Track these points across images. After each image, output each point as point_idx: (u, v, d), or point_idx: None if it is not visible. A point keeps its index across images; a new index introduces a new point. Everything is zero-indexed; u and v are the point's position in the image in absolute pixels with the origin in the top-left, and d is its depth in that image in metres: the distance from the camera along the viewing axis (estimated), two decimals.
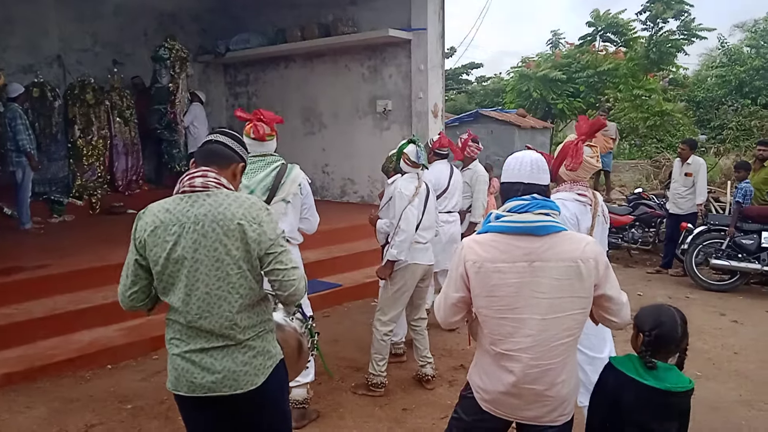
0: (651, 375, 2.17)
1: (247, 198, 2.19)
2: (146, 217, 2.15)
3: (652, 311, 2.30)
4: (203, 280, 2.10)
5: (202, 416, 2.26)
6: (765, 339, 5.51)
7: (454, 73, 26.67)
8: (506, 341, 2.10)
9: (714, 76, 19.57)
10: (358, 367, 4.69)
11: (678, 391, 2.16)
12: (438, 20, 8.81)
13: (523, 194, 2.17)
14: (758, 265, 6.90)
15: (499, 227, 2.13)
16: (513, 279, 2.06)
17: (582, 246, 2.10)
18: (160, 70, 9.17)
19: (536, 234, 2.07)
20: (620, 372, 2.21)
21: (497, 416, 2.19)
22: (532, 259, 2.06)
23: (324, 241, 6.95)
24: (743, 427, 3.86)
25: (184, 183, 2.16)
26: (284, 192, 3.62)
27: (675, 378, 2.20)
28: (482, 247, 2.12)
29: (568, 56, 18.65)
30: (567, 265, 2.06)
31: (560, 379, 2.11)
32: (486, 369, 2.20)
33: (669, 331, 2.22)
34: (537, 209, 2.11)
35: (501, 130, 11.28)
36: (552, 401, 2.12)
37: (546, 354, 2.08)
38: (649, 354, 2.20)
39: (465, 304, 2.20)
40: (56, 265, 5.79)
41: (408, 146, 4.28)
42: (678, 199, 7.82)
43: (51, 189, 8.56)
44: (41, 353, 4.69)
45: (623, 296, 2.22)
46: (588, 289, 2.09)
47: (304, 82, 10.45)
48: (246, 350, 2.19)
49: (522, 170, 2.24)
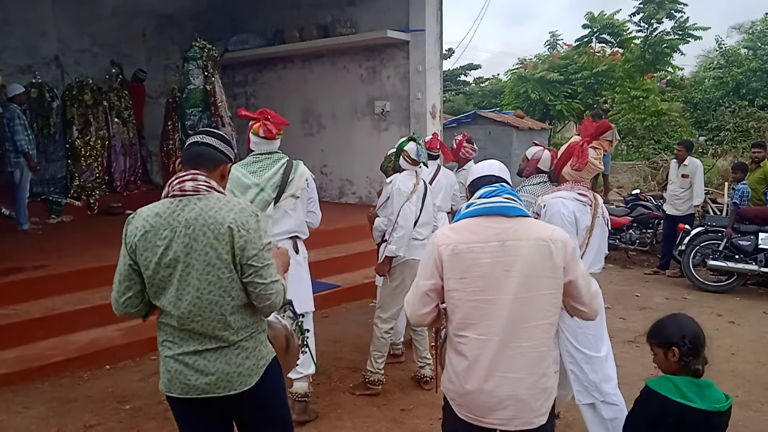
0: (695, 395, 2.13)
1: (238, 202, 2.18)
2: (136, 222, 2.13)
3: (671, 323, 2.28)
4: (194, 284, 2.09)
5: (196, 418, 2.26)
6: (762, 340, 5.52)
7: (452, 74, 26.74)
8: (479, 325, 2.10)
9: (711, 78, 19.64)
10: (356, 367, 4.70)
11: (723, 411, 2.13)
12: (436, 21, 8.83)
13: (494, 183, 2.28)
14: (755, 266, 6.91)
15: (470, 212, 2.20)
16: (486, 259, 2.09)
17: (550, 229, 2.18)
18: (193, 71, 8.28)
19: (507, 214, 2.14)
20: (664, 397, 2.15)
21: (470, 422, 2.15)
22: (504, 239, 2.10)
23: (322, 241, 6.95)
24: (741, 428, 3.86)
25: (173, 186, 2.14)
26: (293, 188, 3.70)
27: (716, 395, 2.16)
28: (455, 232, 2.18)
29: (566, 57, 18.70)
30: (538, 243, 2.10)
31: (536, 370, 2.09)
32: (455, 367, 2.18)
33: (698, 334, 2.23)
34: (505, 194, 2.20)
35: (499, 132, 11.30)
36: (526, 397, 2.08)
37: (518, 335, 2.07)
38: (692, 361, 2.19)
39: (436, 293, 2.20)
40: (54, 266, 5.79)
41: (408, 144, 4.31)
42: (675, 200, 7.84)
43: (49, 189, 8.56)
44: (39, 354, 4.69)
45: (593, 285, 2.25)
46: (558, 270, 2.11)
47: (302, 83, 10.45)
48: (239, 351, 2.19)
49: (492, 168, 2.36)
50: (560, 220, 3.07)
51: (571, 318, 3.16)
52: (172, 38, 10.69)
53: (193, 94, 8.25)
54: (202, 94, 8.24)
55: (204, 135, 2.27)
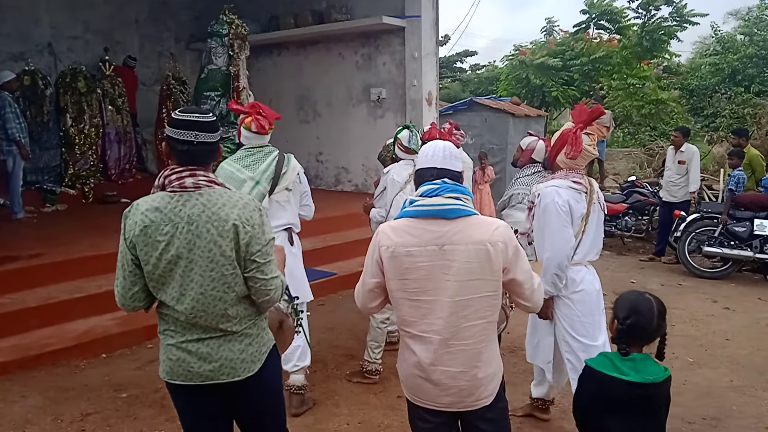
0: (630, 368, 2.16)
1: (241, 197, 2.15)
2: (134, 216, 2.08)
3: (631, 299, 2.26)
4: (198, 281, 2.07)
5: (198, 404, 2.25)
6: (757, 325, 5.56)
7: (448, 61, 26.62)
8: (419, 323, 2.15)
9: (707, 64, 19.55)
10: (353, 355, 4.71)
11: (657, 382, 2.17)
12: (432, 7, 8.77)
13: (436, 179, 2.19)
14: (750, 252, 6.95)
15: (411, 212, 2.16)
16: (424, 262, 2.09)
17: (492, 230, 2.12)
18: (216, 49, 7.09)
19: (446, 217, 2.10)
20: (601, 373, 2.20)
21: (421, 405, 2.23)
22: (442, 243, 2.09)
23: (318, 229, 6.94)
24: (734, 412, 3.90)
25: (171, 181, 2.08)
26: (286, 181, 3.72)
27: (653, 368, 2.19)
28: (395, 232, 2.15)
29: (562, 44, 18.61)
30: (476, 248, 2.08)
31: (474, 363, 2.14)
32: (404, 355, 2.26)
33: (644, 322, 2.19)
34: (447, 193, 2.14)
35: (495, 119, 11.24)
36: (467, 386, 2.15)
37: (457, 335, 2.11)
38: (624, 342, 2.20)
39: (381, 290, 2.23)
40: (50, 254, 5.76)
41: (402, 132, 4.30)
42: (671, 186, 7.85)
43: (43, 178, 8.51)
44: (36, 342, 4.68)
45: (535, 281, 2.24)
46: (497, 272, 2.11)
47: (297, 70, 10.38)
48: (242, 338, 2.19)
49: (435, 156, 2.24)
50: (554, 209, 3.06)
51: (568, 307, 3.20)
52: (165, 25, 10.60)
53: (213, 74, 7.06)
54: (224, 77, 7.06)
55: (197, 132, 2.10)
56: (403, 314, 2.19)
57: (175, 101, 9.50)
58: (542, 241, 3.14)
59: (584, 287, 3.19)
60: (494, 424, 2.25)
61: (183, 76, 9.96)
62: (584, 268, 3.23)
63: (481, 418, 2.21)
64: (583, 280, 3.20)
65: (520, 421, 3.70)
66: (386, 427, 3.72)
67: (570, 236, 3.10)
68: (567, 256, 3.10)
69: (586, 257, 3.22)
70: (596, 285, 3.26)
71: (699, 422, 3.76)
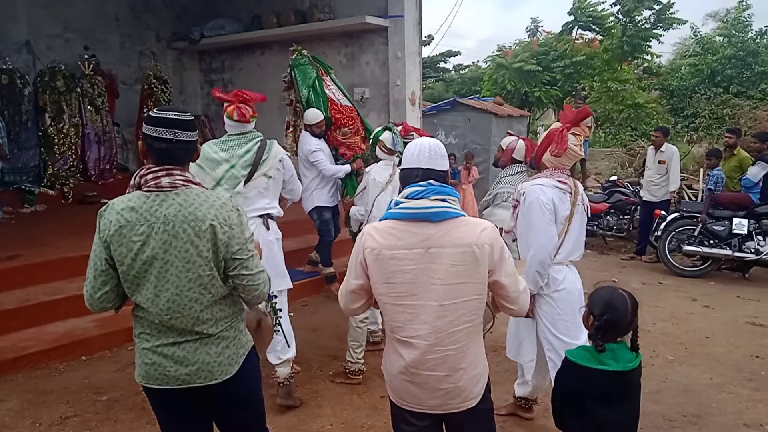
0: (610, 359, 2.21)
1: (218, 197, 2.13)
2: (109, 215, 2.04)
3: (605, 295, 2.30)
4: (173, 282, 2.05)
5: (176, 407, 2.23)
6: (735, 323, 5.63)
7: (431, 61, 26.64)
8: (405, 328, 2.12)
9: (687, 65, 19.82)
10: (336, 355, 4.69)
11: (635, 368, 2.24)
12: (415, 7, 8.76)
13: (421, 180, 2.15)
14: (729, 251, 7.04)
15: (396, 214, 2.12)
16: (410, 266, 2.07)
17: (478, 232, 2.09)
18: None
19: (432, 220, 2.08)
20: (582, 366, 2.23)
21: (406, 408, 2.21)
22: (428, 246, 2.07)
23: (301, 230, 6.91)
24: (714, 409, 3.94)
25: (148, 180, 2.05)
26: (266, 167, 3.70)
27: (628, 355, 2.26)
28: (380, 234, 2.12)
29: (545, 45, 18.74)
30: (462, 251, 2.06)
31: (460, 366, 2.13)
32: (390, 357, 2.23)
33: (619, 317, 2.24)
34: (433, 195, 2.10)
35: (478, 119, 11.28)
36: (453, 389, 2.14)
37: (444, 340, 2.10)
38: (600, 338, 2.24)
39: (365, 291, 2.21)
40: (28, 256, 5.68)
41: (383, 133, 4.29)
42: (652, 186, 7.94)
43: (22, 178, 8.38)
44: (14, 345, 4.61)
45: (520, 284, 2.22)
46: (483, 275, 2.10)
47: (281, 70, 10.25)
48: (219, 341, 2.17)
49: (421, 156, 2.18)
50: (539, 206, 3.08)
51: (550, 306, 3.21)
52: (147, 23, 10.48)
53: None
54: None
55: (176, 130, 2.07)
56: (390, 318, 2.17)
57: (156, 100, 9.41)
58: (526, 238, 3.16)
59: (566, 286, 3.21)
60: (480, 425, 2.24)
61: (164, 75, 9.86)
62: (566, 267, 3.25)
63: (466, 419, 2.20)
64: (565, 279, 3.22)
65: (503, 420, 3.71)
66: (369, 427, 3.71)
67: (553, 234, 3.12)
68: (550, 254, 3.12)
69: (568, 257, 3.24)
70: (578, 284, 3.28)
71: (679, 419, 3.80)
